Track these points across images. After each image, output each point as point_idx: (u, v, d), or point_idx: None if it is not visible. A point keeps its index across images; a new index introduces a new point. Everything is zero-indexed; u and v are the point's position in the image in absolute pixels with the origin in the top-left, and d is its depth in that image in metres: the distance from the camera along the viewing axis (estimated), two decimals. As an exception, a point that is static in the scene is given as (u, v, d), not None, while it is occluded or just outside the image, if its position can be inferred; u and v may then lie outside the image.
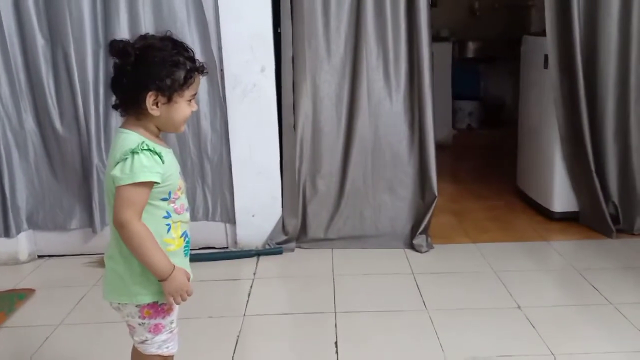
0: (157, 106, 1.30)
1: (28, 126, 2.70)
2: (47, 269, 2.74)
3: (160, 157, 1.30)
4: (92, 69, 2.64)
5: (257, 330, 2.13)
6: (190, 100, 1.35)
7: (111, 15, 2.60)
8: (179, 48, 1.34)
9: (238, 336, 2.07)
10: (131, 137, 1.30)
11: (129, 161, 1.26)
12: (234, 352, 1.97)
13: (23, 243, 2.79)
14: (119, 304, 1.39)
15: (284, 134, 2.80)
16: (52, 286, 2.53)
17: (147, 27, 2.61)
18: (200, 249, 2.84)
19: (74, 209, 2.77)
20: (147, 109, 1.29)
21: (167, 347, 1.45)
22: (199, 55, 2.61)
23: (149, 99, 1.28)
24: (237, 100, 2.70)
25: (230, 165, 2.77)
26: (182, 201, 1.41)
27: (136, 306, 1.38)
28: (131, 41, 1.31)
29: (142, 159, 1.27)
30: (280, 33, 2.76)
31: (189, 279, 1.39)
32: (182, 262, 1.41)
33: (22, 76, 2.66)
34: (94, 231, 2.76)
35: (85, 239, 2.83)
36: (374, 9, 2.77)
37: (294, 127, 2.83)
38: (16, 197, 2.73)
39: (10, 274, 2.66)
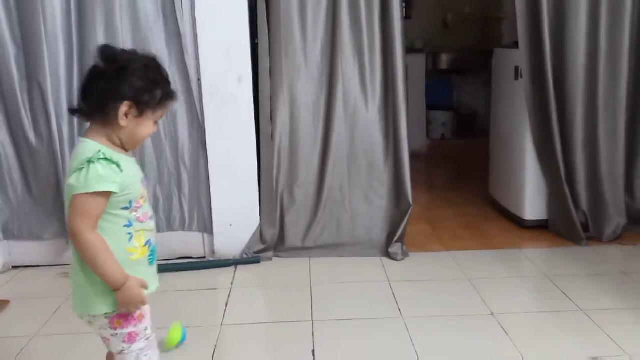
0: (127, 117, 1.31)
1: (1, 136, 2.67)
2: (21, 279, 2.71)
3: (118, 165, 1.29)
4: (65, 79, 2.63)
5: (235, 339, 2.14)
6: (155, 122, 1.39)
7: (87, 25, 2.59)
8: (162, 71, 1.38)
9: (215, 346, 2.07)
10: (89, 146, 1.30)
11: (84, 170, 1.25)
12: (212, 362, 1.97)
13: (-3, 254, 2.75)
14: (89, 316, 1.37)
15: (261, 144, 2.82)
16: (27, 297, 2.50)
17: (124, 36, 2.61)
18: (177, 258, 2.83)
19: (49, 220, 2.75)
20: (116, 118, 1.30)
21: (145, 355, 1.43)
22: (176, 65, 2.67)
23: (122, 108, 1.30)
24: (215, 109, 2.72)
25: (208, 174, 2.77)
26: (145, 209, 1.39)
27: (105, 317, 1.36)
28: (116, 48, 1.36)
29: (98, 169, 1.26)
30: (257, 43, 2.78)
31: (146, 288, 1.38)
32: (147, 271, 1.40)
33: (-6, 86, 2.63)
34: (68, 242, 2.74)
35: (60, 249, 2.80)
36: (349, 20, 2.82)
37: (272, 136, 2.85)
38: (-11, 208, 2.70)
39: (-17, 285, 2.62)
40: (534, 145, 3.05)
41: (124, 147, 1.37)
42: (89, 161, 1.26)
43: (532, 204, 3.17)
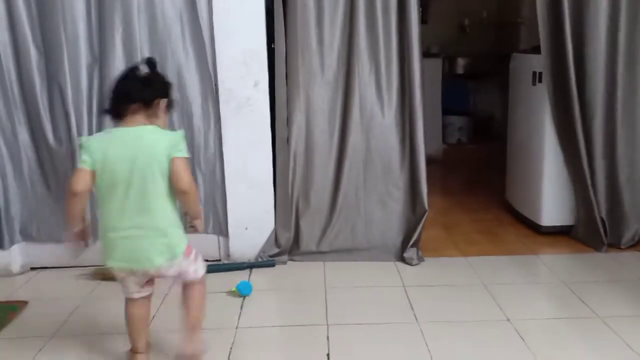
0: (165, 112, 1.82)
1: (22, 138, 2.72)
2: (39, 281, 2.74)
3: None
4: (86, 82, 2.67)
5: (250, 342, 2.14)
6: None
7: (106, 29, 2.63)
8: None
9: (231, 348, 2.08)
10: (156, 129, 1.76)
11: (181, 142, 1.74)
12: (227, 364, 1.99)
13: (16, 255, 2.79)
14: (174, 259, 1.77)
15: (277, 148, 2.84)
16: (45, 298, 2.54)
17: (142, 42, 2.64)
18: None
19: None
20: (156, 111, 1.78)
21: (204, 267, 1.90)
22: (194, 69, 2.69)
23: (162, 104, 1.80)
24: (231, 114, 2.74)
25: (224, 178, 2.79)
26: None
27: (183, 253, 1.79)
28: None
29: (184, 141, 1.76)
30: (274, 48, 2.80)
31: None
32: None
33: (15, 89, 2.67)
34: (86, 244, 2.76)
35: (78, 251, 2.83)
36: (366, 25, 2.82)
37: (287, 141, 2.87)
38: (10, 209, 2.74)
39: (2, 286, 2.66)
40: (562, 149, 3.02)
41: None
42: (180, 136, 1.75)
43: (549, 210, 3.14)
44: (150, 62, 1.80)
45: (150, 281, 1.88)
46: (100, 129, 2.71)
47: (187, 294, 1.88)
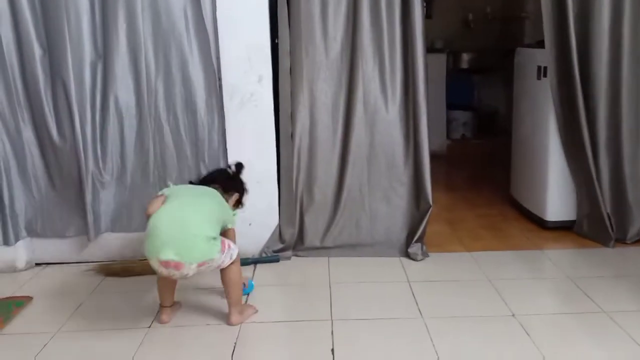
0: (232, 201, 2.30)
1: (26, 135, 2.72)
2: (44, 276, 2.75)
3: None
4: (89, 79, 2.67)
5: (254, 337, 2.14)
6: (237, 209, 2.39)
7: (109, 26, 2.63)
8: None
9: (235, 343, 2.08)
10: (225, 202, 2.25)
11: (234, 216, 2.31)
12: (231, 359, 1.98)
13: (21, 251, 2.79)
14: (212, 258, 2.03)
15: (281, 143, 2.83)
16: (50, 294, 2.54)
17: (146, 38, 2.64)
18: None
19: (71, 217, 2.78)
20: (228, 198, 2.28)
21: (236, 246, 2.19)
22: (198, 65, 2.70)
23: (235, 197, 2.33)
24: (235, 109, 2.73)
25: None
26: None
27: (217, 251, 2.04)
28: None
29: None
30: (277, 43, 2.79)
31: None
32: None
33: (19, 85, 2.67)
34: (90, 239, 2.78)
35: (82, 246, 2.84)
36: (370, 20, 2.81)
37: (291, 136, 2.86)
38: (15, 206, 2.74)
39: (7, 282, 2.66)
40: (562, 145, 3.01)
41: None
42: (234, 214, 2.32)
43: (554, 205, 3.13)
44: (239, 165, 2.38)
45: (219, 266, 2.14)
46: (102, 126, 2.72)
47: (226, 276, 2.15)
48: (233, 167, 2.39)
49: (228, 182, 2.32)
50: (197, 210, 2.06)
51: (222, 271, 2.14)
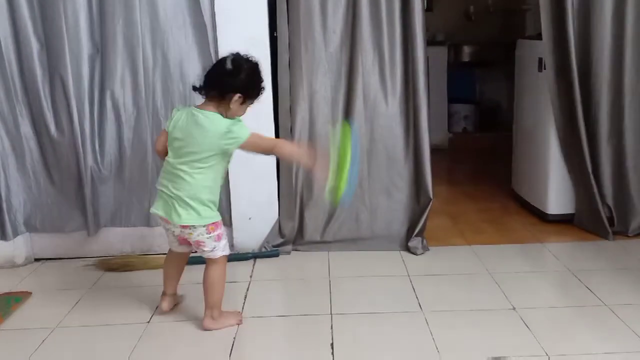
0: (236, 102, 1.95)
1: (24, 130, 2.70)
2: (43, 272, 2.74)
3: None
4: (87, 73, 2.65)
5: (254, 332, 2.14)
6: (247, 107, 2.02)
7: (107, 20, 2.61)
8: (260, 74, 2.03)
9: (234, 338, 2.07)
10: (217, 116, 1.96)
11: (239, 125, 1.97)
12: (230, 354, 1.97)
13: (20, 246, 2.79)
14: (197, 227, 2.00)
15: (280, 138, 2.82)
16: (49, 289, 2.54)
17: (143, 31, 2.62)
18: (196, 252, 2.84)
19: (70, 212, 2.78)
20: (228, 102, 1.95)
21: (226, 249, 2.11)
22: (196, 59, 2.68)
23: (236, 97, 1.94)
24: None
25: (227, 168, 2.77)
26: None
27: (204, 226, 2.01)
28: (244, 58, 1.99)
29: (242, 123, 2.00)
30: (276, 37, 2.77)
31: None
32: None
33: (17, 81, 2.66)
34: (89, 234, 2.77)
35: (81, 242, 2.83)
36: (369, 13, 2.79)
37: (291, 130, 2.85)
38: (12, 201, 2.73)
39: (6, 277, 2.66)
40: (558, 138, 2.99)
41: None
42: (238, 121, 1.98)
43: (556, 198, 3.11)
44: (234, 60, 1.97)
45: (186, 241, 2.09)
46: (101, 122, 2.71)
47: (205, 273, 2.11)
48: (229, 64, 1.97)
49: (224, 85, 1.95)
50: (187, 171, 1.97)
51: (205, 269, 2.11)
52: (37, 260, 2.85)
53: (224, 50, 2.62)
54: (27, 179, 2.75)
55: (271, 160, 2.79)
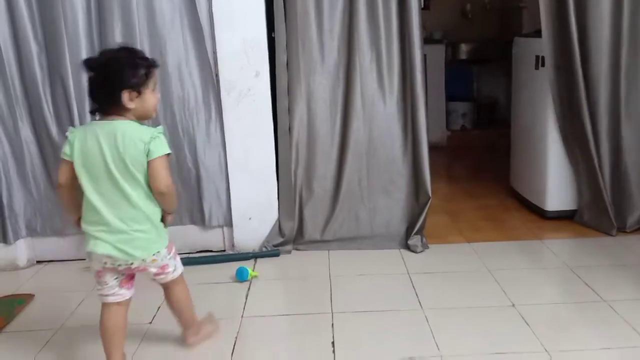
0: (132, 100, 1.65)
1: (24, 134, 2.71)
2: (45, 274, 2.76)
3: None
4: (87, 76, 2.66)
5: (255, 331, 2.16)
6: (153, 90, 1.71)
7: (106, 23, 2.62)
8: (133, 53, 1.72)
9: (236, 337, 2.09)
10: (133, 125, 1.67)
11: (158, 139, 1.66)
12: (232, 353, 1.99)
13: (22, 249, 2.80)
14: (158, 253, 1.77)
15: (279, 138, 2.83)
16: (51, 291, 2.55)
17: (141, 34, 2.63)
18: (198, 252, 2.86)
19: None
20: (125, 105, 1.64)
21: (181, 267, 1.91)
22: (194, 62, 2.69)
23: (125, 96, 1.63)
24: (232, 105, 2.73)
25: (227, 169, 2.79)
26: None
27: (165, 248, 1.80)
28: (95, 57, 1.70)
29: (163, 138, 1.68)
30: (274, 38, 2.79)
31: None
32: None
33: (17, 83, 2.66)
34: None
35: (82, 244, 2.80)
36: (366, 12, 2.80)
37: (289, 130, 2.86)
38: (14, 204, 2.74)
39: (9, 280, 2.68)
40: (560, 134, 3.00)
41: (142, 121, 1.72)
42: (159, 132, 1.67)
43: (554, 194, 3.13)
44: (87, 65, 1.65)
45: (129, 281, 1.83)
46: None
47: (172, 297, 1.93)
48: (88, 71, 1.67)
49: (104, 94, 1.65)
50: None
51: (169, 293, 1.93)
52: (39, 262, 2.86)
53: (223, 52, 2.67)
54: (27, 183, 2.75)
55: (271, 161, 2.81)
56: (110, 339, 1.81)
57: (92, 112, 1.71)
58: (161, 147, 1.66)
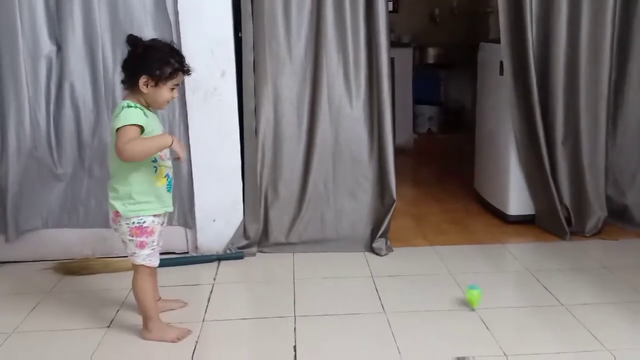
0: (147, 87, 1.86)
1: None
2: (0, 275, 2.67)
3: (142, 109, 1.88)
4: (45, 70, 2.60)
5: (216, 335, 2.13)
6: (172, 89, 1.91)
7: (65, 18, 2.57)
8: (174, 53, 1.92)
9: (196, 342, 2.05)
10: (122, 103, 1.88)
11: (121, 114, 1.84)
12: (192, 357, 1.96)
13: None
14: (118, 224, 1.94)
15: (245, 139, 2.80)
16: (4, 294, 2.47)
17: (102, 28, 2.58)
18: (160, 254, 2.80)
19: (26, 212, 2.70)
20: (139, 87, 1.86)
21: (150, 260, 2.00)
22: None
23: (142, 80, 1.85)
24: (198, 104, 2.69)
25: (191, 170, 2.75)
26: (166, 151, 1.97)
27: (127, 226, 1.93)
28: (144, 39, 1.92)
29: (130, 111, 1.85)
30: (241, 37, 2.76)
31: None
32: (166, 195, 2.00)
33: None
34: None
35: (40, 244, 2.76)
36: (333, 14, 2.80)
37: (256, 131, 2.83)
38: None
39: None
40: (516, 139, 3.05)
41: (149, 107, 1.93)
42: (123, 107, 1.85)
43: (516, 199, 3.17)
44: (129, 40, 1.90)
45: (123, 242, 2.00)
46: (57, 118, 2.66)
47: (132, 283, 2.05)
48: (127, 46, 1.91)
49: (130, 70, 1.89)
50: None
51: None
52: (-7, 263, 2.77)
53: (188, 49, 2.62)
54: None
55: (236, 162, 2.78)
56: (154, 299, 2.07)
57: (122, 82, 1.92)
58: (118, 121, 1.83)
